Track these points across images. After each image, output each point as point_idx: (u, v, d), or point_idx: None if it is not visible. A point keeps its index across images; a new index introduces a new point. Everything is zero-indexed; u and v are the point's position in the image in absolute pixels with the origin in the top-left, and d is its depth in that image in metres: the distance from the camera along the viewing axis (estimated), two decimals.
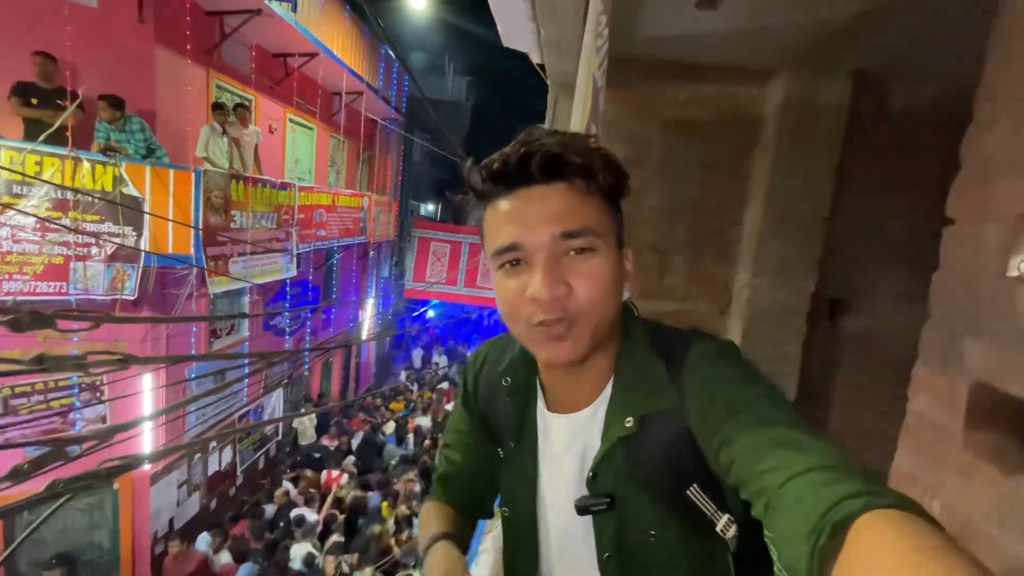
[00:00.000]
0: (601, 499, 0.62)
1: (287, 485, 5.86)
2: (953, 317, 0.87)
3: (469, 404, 0.80)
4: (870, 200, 1.91)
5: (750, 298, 1.90)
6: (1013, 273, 0.75)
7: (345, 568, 4.38)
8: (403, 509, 5.38)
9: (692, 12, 1.47)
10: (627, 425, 0.60)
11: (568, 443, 0.67)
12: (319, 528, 5.09)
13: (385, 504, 5.52)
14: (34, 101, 4.15)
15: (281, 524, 5.17)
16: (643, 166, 1.97)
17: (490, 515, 0.86)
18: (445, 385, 10.75)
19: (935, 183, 0.94)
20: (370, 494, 5.78)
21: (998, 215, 0.79)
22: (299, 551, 4.65)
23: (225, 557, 4.74)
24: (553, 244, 0.55)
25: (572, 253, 0.56)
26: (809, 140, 1.81)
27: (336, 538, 4.86)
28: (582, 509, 0.63)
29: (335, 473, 6.09)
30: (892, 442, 0.98)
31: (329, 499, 5.52)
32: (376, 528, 4.86)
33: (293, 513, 5.19)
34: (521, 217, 0.56)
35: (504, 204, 0.58)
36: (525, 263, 0.57)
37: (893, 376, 1.07)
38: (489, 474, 0.80)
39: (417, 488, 5.70)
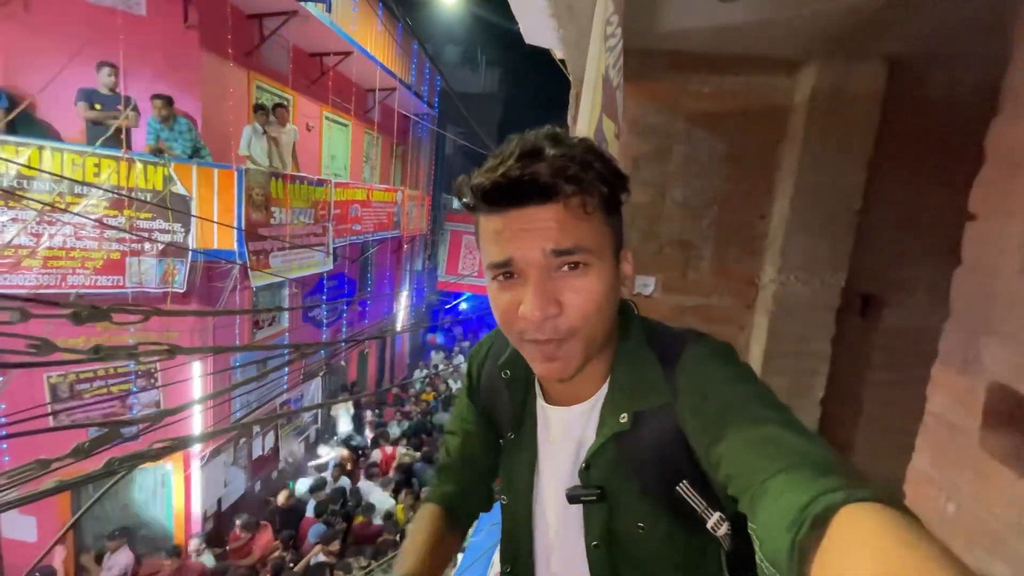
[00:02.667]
0: (592, 490, 0.64)
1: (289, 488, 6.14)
2: (973, 316, 0.85)
3: (473, 395, 0.82)
4: (906, 191, 1.83)
5: (777, 293, 1.86)
6: None
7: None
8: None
9: (715, 4, 1.45)
10: (622, 421, 0.62)
11: (564, 435, 0.69)
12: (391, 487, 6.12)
13: (400, 508, 5.64)
14: (98, 106, 4.44)
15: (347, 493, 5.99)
16: (667, 160, 1.95)
17: (488, 508, 0.86)
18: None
19: (975, 173, 0.91)
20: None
21: (1021, 211, 0.77)
22: (382, 505, 5.60)
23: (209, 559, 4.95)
24: (545, 260, 0.55)
25: (565, 268, 0.56)
26: (841, 130, 1.76)
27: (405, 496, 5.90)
28: (572, 498, 0.65)
29: (389, 449, 7.00)
30: None
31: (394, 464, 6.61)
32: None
33: (361, 484, 6.14)
34: (513, 235, 0.55)
35: (496, 220, 0.57)
36: (518, 277, 0.57)
37: (928, 374, 1.04)
38: (488, 463, 0.82)
39: None
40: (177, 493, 5.57)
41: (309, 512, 5.53)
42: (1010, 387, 0.76)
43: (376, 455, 6.92)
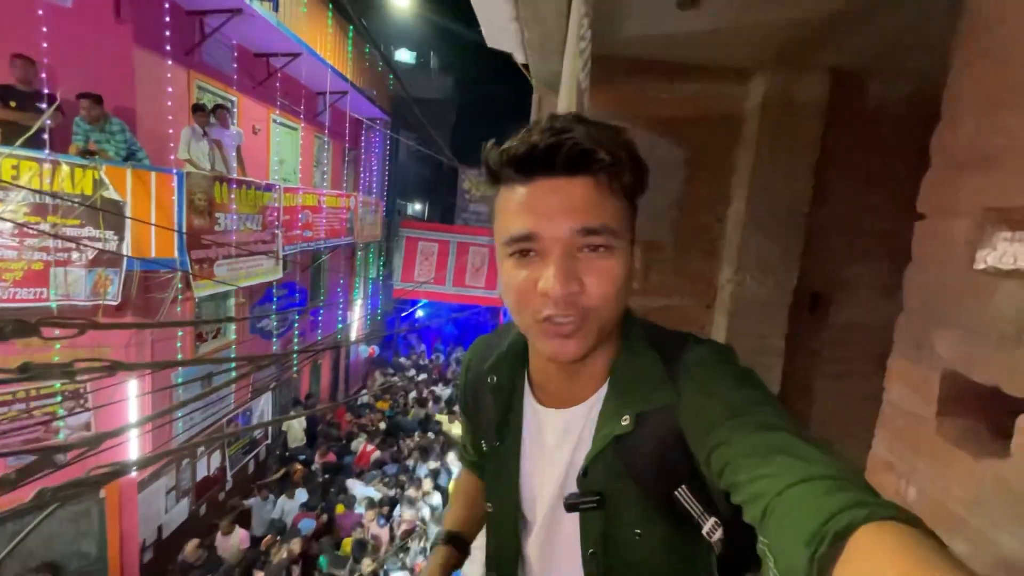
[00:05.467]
0: (591, 497, 0.62)
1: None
2: (925, 309, 0.90)
3: (464, 404, 0.79)
4: (850, 195, 1.95)
5: (734, 293, 1.93)
6: (980, 266, 0.78)
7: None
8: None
9: (674, 12, 1.49)
10: (623, 423, 0.59)
11: (561, 438, 0.66)
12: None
13: (347, 541, 5.38)
14: (12, 104, 4.06)
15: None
16: None
17: None
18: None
19: (913, 178, 0.97)
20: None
21: (966, 210, 0.82)
22: (363, 493, 5.97)
23: None
24: (571, 238, 0.53)
25: (587, 250, 0.54)
26: (789, 137, 1.85)
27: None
28: (571, 506, 0.63)
29: (370, 447, 7.49)
30: (872, 431, 1.01)
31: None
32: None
33: (348, 481, 6.47)
34: (539, 207, 0.53)
35: (522, 190, 0.55)
36: (537, 254, 0.54)
37: (873, 367, 1.10)
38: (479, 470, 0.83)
39: (377, 529, 5.53)
40: (111, 522, 5.13)
41: (295, 511, 5.89)
42: (962, 374, 0.81)
43: (357, 445, 7.60)
